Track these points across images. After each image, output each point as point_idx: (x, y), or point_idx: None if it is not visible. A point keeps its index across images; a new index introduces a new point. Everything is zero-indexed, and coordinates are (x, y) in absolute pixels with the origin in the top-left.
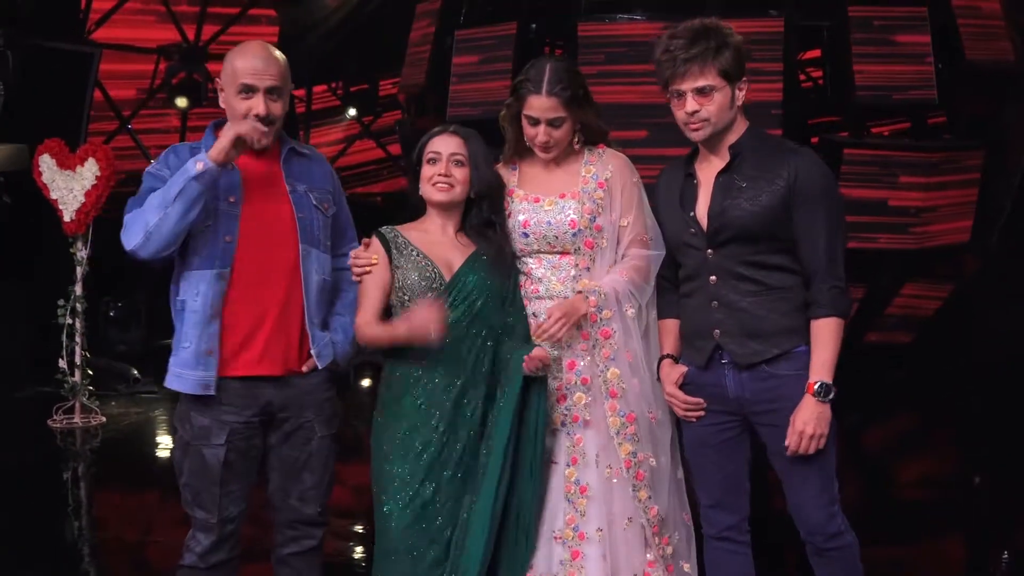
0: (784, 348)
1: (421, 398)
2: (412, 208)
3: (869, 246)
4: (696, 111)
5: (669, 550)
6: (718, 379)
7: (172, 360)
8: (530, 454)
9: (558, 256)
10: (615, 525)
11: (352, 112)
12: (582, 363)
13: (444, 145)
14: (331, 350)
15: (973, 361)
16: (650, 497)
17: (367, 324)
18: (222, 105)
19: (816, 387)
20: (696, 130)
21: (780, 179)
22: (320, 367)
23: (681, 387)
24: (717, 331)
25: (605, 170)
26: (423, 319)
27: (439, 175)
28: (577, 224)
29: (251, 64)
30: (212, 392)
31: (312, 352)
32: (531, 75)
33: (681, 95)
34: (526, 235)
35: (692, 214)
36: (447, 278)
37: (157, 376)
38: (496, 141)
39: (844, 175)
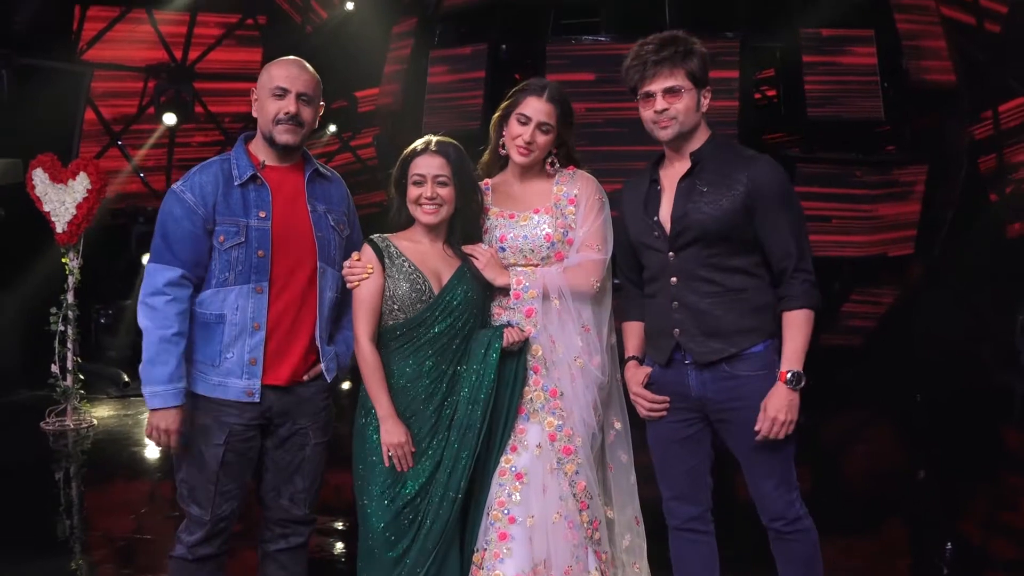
0: (742, 347)
1: (403, 405)
2: (388, 218)
3: (819, 254)
4: (665, 109)
5: (597, 535)
6: (681, 378)
7: (211, 372)
8: (499, 437)
9: (531, 269)
10: (547, 516)
11: (332, 128)
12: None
13: (428, 166)
14: (335, 363)
15: (916, 361)
16: (577, 472)
17: (368, 346)
18: (255, 114)
19: (788, 376)
20: (664, 127)
21: (740, 184)
22: (328, 380)
23: (646, 386)
24: (677, 330)
25: (574, 188)
26: (395, 444)
27: (426, 198)
28: (552, 237)
29: (285, 71)
30: (256, 399)
31: (322, 365)
32: (533, 83)
33: (650, 96)
34: (503, 249)
35: (656, 218)
36: (436, 291)
37: None
38: (469, 153)
39: (797, 190)
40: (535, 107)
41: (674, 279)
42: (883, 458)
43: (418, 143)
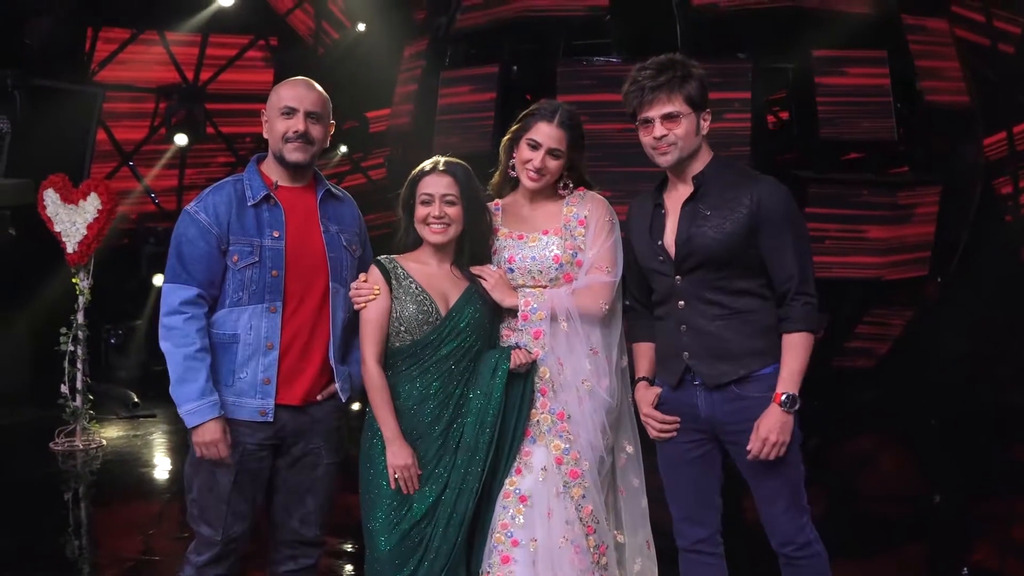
0: (751, 368)
1: (409, 428)
2: (395, 239)
3: (833, 275)
4: (664, 135)
5: (604, 560)
6: (690, 399)
7: (225, 391)
8: (505, 460)
9: (540, 290)
10: (553, 540)
11: (343, 149)
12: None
13: (436, 186)
14: (349, 383)
15: (930, 383)
16: (584, 496)
17: (375, 368)
18: (265, 135)
19: (783, 398)
20: (664, 154)
21: (742, 206)
22: (343, 400)
23: (656, 407)
24: (686, 353)
25: (584, 209)
26: (401, 467)
27: (434, 218)
28: (560, 259)
29: (293, 90)
30: (270, 419)
31: (337, 385)
32: (543, 107)
33: (649, 122)
34: (511, 270)
35: (660, 242)
36: (443, 312)
37: (156, 400)
38: (479, 174)
39: (809, 211)
40: (545, 132)
41: (681, 303)
42: (897, 481)
43: (426, 163)
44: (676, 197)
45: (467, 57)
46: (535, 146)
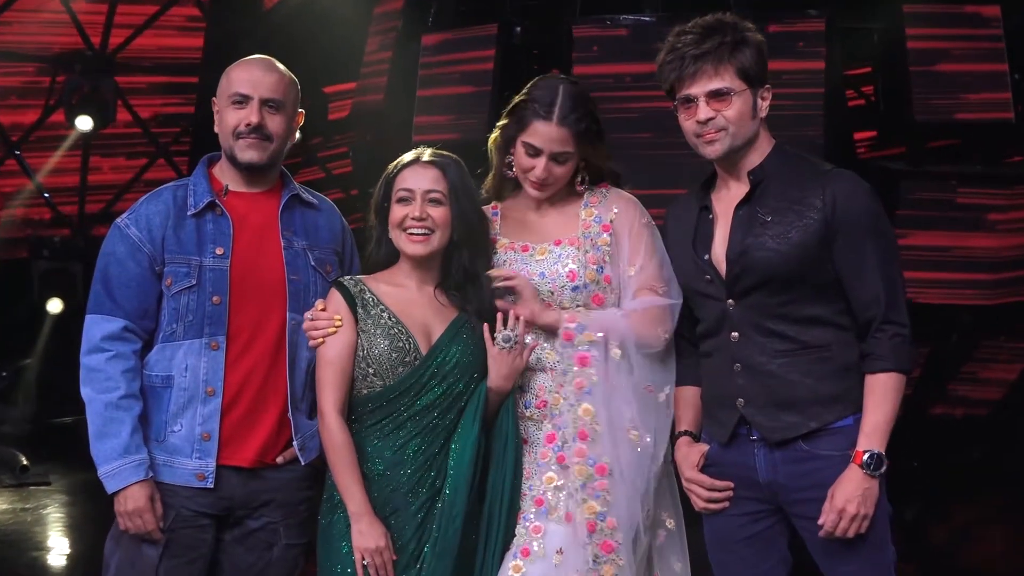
0: (824, 421)
1: (381, 500)
2: (365, 254)
3: (932, 301)
4: (711, 118)
5: None
6: (745, 459)
7: (155, 448)
8: (496, 529)
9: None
10: None
11: (297, 135)
12: (559, 429)
13: (417, 180)
14: (317, 443)
15: None
16: None
17: (335, 422)
18: (216, 130)
19: (865, 457)
20: (711, 142)
21: (814, 210)
22: (303, 463)
23: (703, 469)
24: (741, 400)
25: (609, 211)
26: (371, 550)
27: (413, 219)
28: (578, 276)
29: (247, 73)
30: (210, 485)
31: (295, 444)
32: (539, 95)
33: (691, 101)
34: (513, 291)
35: (707, 257)
36: (424, 350)
37: (51, 463)
38: (471, 168)
39: (901, 214)
40: (544, 135)
41: (735, 334)
42: (1014, 561)
43: (407, 155)
44: (727, 199)
45: (456, 15)
46: (534, 153)
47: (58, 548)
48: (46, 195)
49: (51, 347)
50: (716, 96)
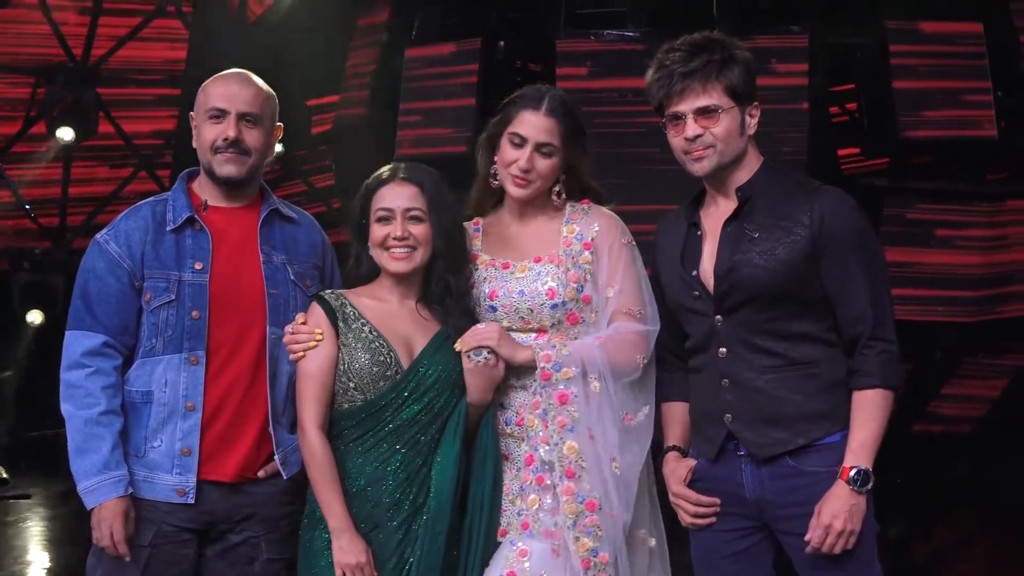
0: (812, 437)
1: (362, 515)
2: (345, 270)
3: (917, 318)
4: (699, 135)
5: None
6: (732, 474)
7: (135, 464)
8: (476, 547)
9: (532, 335)
10: None
11: (279, 148)
12: (541, 451)
13: (396, 199)
14: (299, 457)
15: None
16: None
17: (316, 437)
18: (194, 145)
19: (852, 473)
20: (699, 159)
21: (800, 226)
22: (285, 476)
23: (690, 485)
24: (728, 416)
25: (590, 229)
26: (352, 565)
27: (394, 240)
28: (557, 294)
29: (223, 88)
30: (191, 500)
31: (276, 458)
32: (529, 92)
33: (679, 118)
34: (493, 308)
35: (695, 273)
36: (405, 364)
37: (31, 476)
38: (455, 186)
39: (885, 231)
40: (532, 124)
41: (723, 350)
42: None
43: (383, 170)
44: (715, 215)
45: (441, 29)
46: (519, 142)
47: (38, 562)
48: (27, 207)
49: (31, 359)
50: (704, 113)
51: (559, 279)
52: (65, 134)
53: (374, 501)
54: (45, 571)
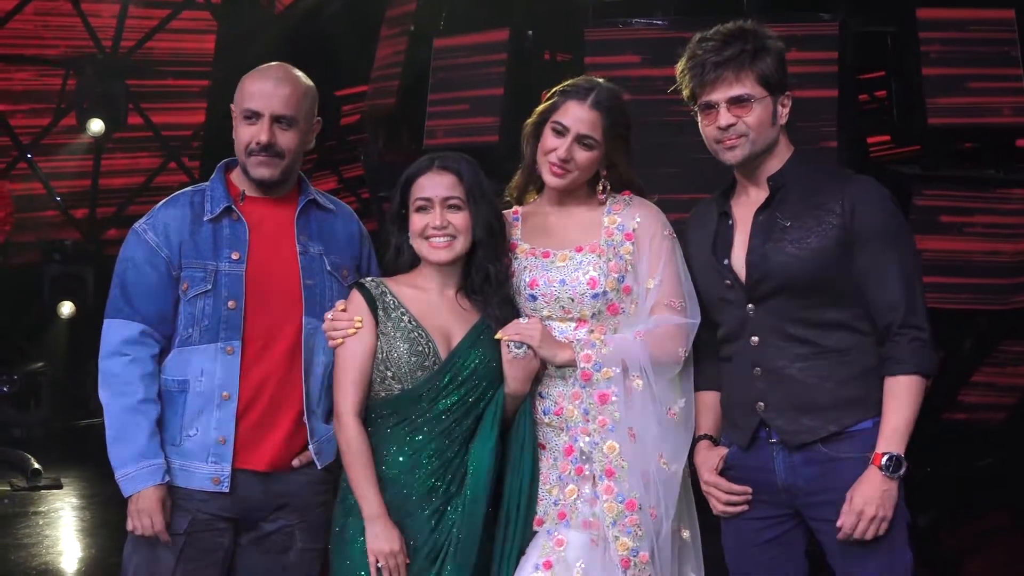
0: (844, 424)
1: (395, 502)
2: (383, 260)
3: (947, 306)
4: (731, 124)
5: None
6: (764, 462)
7: (172, 452)
8: (513, 535)
9: (572, 324)
10: None
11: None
12: (581, 443)
13: (434, 188)
14: (333, 447)
15: None
16: None
17: (353, 425)
18: (233, 136)
19: (884, 459)
20: (731, 148)
21: (833, 215)
22: (319, 467)
23: (721, 473)
24: (761, 404)
25: (632, 220)
26: (385, 553)
27: (434, 229)
28: (598, 283)
29: (259, 86)
30: (226, 489)
31: (311, 448)
32: (579, 83)
33: (712, 107)
34: (533, 298)
35: (727, 262)
36: (443, 355)
37: (63, 466)
38: (485, 176)
39: (916, 219)
40: (575, 114)
41: (755, 338)
42: None
43: (421, 160)
44: (747, 204)
45: (468, 19)
46: (561, 131)
47: (71, 552)
48: (58, 199)
49: (62, 351)
50: (737, 103)
51: (600, 269)
52: (95, 127)
53: (407, 489)
54: (77, 560)
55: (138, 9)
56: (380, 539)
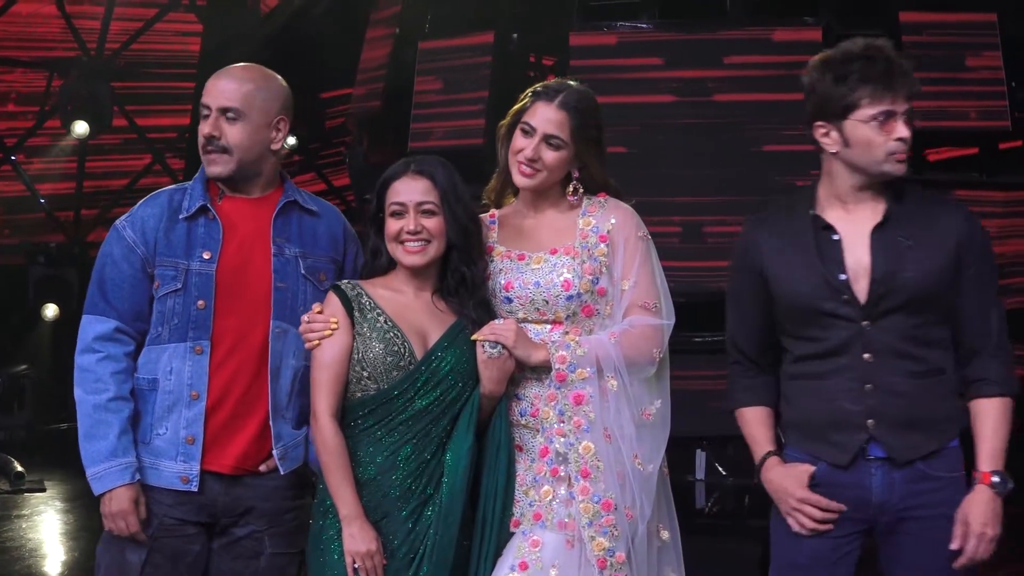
0: (943, 442)
1: (372, 504)
2: (363, 262)
3: None
4: (908, 136)
5: None
6: (860, 479)
7: (142, 450)
8: (489, 536)
9: (547, 326)
10: None
11: (292, 141)
12: (556, 444)
13: (409, 192)
14: (301, 452)
15: None
16: None
17: (329, 425)
18: None
19: (995, 479)
20: (902, 161)
21: (950, 238)
22: (282, 472)
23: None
24: (871, 420)
25: (607, 221)
26: (362, 553)
27: (408, 233)
28: (572, 285)
29: (212, 82)
30: (194, 488)
31: (275, 453)
32: (550, 84)
33: (892, 116)
34: (509, 300)
35: (844, 277)
36: (419, 355)
37: (46, 468)
38: (470, 179)
39: None
40: (543, 115)
41: (867, 355)
42: None
43: (397, 164)
44: (855, 220)
45: (454, 22)
46: (528, 131)
47: (54, 555)
48: (42, 201)
49: (46, 354)
50: (909, 115)
51: (575, 271)
52: (80, 129)
53: (384, 490)
54: (60, 563)
55: (123, 8)
56: (357, 540)
